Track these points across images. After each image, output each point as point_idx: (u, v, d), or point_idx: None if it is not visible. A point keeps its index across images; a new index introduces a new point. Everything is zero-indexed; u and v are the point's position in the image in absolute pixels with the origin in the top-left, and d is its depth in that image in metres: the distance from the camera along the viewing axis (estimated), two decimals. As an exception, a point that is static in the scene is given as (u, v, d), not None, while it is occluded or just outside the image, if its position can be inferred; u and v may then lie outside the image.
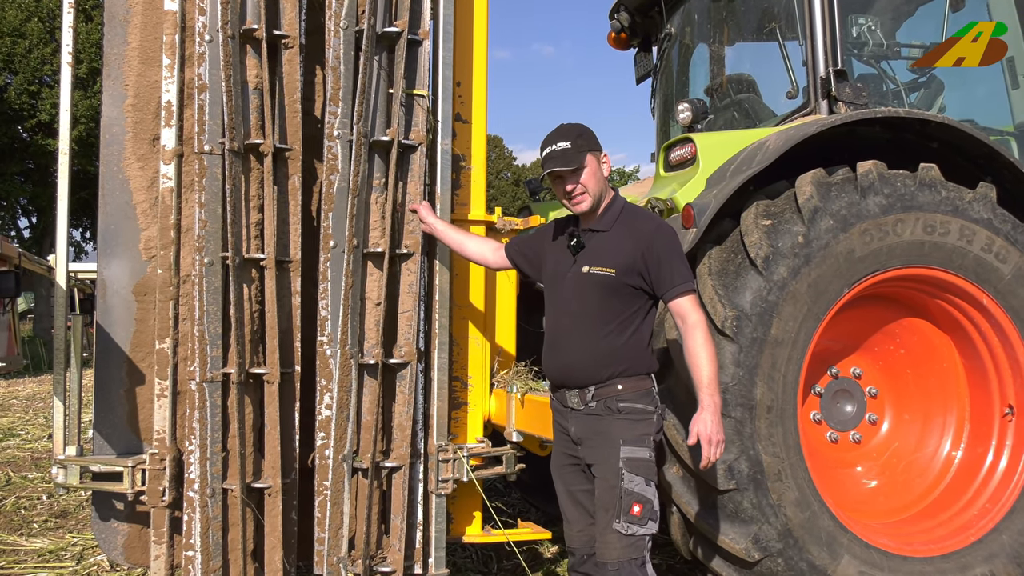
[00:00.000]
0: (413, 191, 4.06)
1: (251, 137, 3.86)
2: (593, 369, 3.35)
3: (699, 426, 3.19)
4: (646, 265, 3.29)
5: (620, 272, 3.31)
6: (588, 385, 3.38)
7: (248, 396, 3.86)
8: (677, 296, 3.27)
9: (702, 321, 3.26)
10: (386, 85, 4.01)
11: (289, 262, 3.93)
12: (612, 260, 3.34)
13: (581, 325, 3.38)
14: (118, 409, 4.09)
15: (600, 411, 3.36)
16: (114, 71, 4.11)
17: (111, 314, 4.08)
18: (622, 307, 3.34)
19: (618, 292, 3.32)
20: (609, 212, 3.45)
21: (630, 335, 3.34)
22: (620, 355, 3.33)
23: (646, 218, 3.42)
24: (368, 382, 3.94)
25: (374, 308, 3.96)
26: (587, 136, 3.42)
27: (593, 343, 3.35)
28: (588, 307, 3.37)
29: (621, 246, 3.34)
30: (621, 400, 3.33)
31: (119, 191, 4.09)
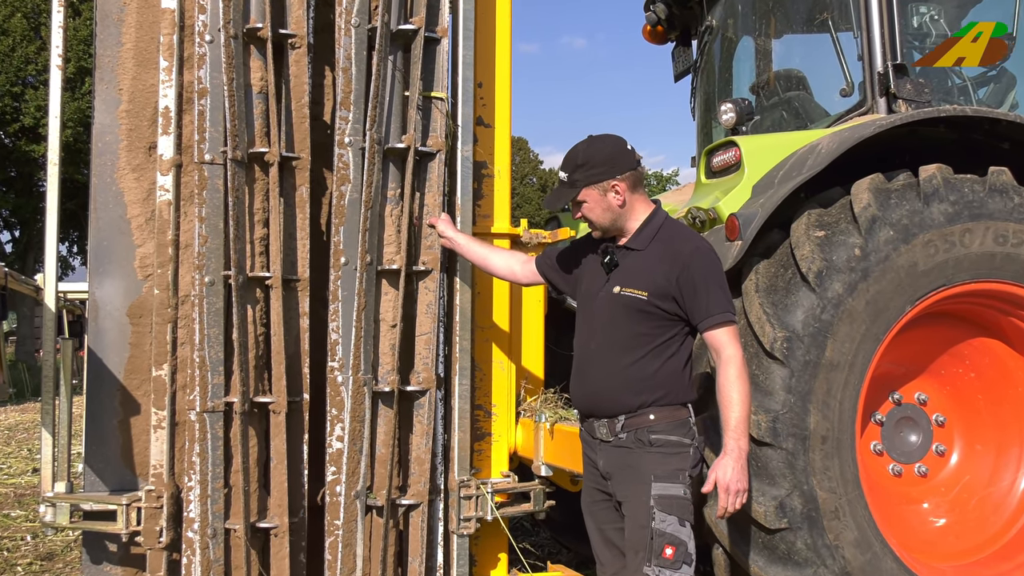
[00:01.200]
0: (431, 202, 4.10)
1: (255, 145, 3.92)
2: (623, 397, 3.38)
3: (718, 472, 3.22)
4: (680, 290, 3.31)
5: (653, 295, 3.33)
6: (617, 415, 3.40)
7: (252, 427, 3.90)
8: (712, 327, 3.28)
9: (738, 356, 3.26)
10: (401, 87, 4.06)
11: (297, 281, 3.98)
12: (645, 282, 3.36)
13: (610, 350, 3.41)
14: (111, 442, 4.14)
15: (630, 443, 3.38)
16: (107, 74, 4.19)
17: (103, 338, 4.14)
18: (655, 332, 3.36)
19: (650, 316, 3.35)
20: (646, 229, 3.47)
21: (664, 362, 3.36)
22: (652, 383, 3.35)
23: (685, 238, 3.43)
24: (383, 411, 3.98)
25: (389, 330, 4.01)
26: (590, 167, 3.44)
27: (623, 369, 3.38)
28: (618, 330, 3.40)
29: (655, 267, 3.37)
30: (653, 432, 3.34)
31: (112, 204, 4.15)
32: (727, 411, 3.23)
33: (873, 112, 4.81)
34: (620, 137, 3.53)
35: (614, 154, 3.45)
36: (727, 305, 3.30)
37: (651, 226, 3.47)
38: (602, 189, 3.43)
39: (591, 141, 3.54)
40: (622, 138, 3.52)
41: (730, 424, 3.22)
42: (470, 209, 4.26)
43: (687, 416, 3.41)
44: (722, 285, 3.33)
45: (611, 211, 3.45)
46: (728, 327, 3.27)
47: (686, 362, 3.42)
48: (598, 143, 3.50)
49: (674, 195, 6.92)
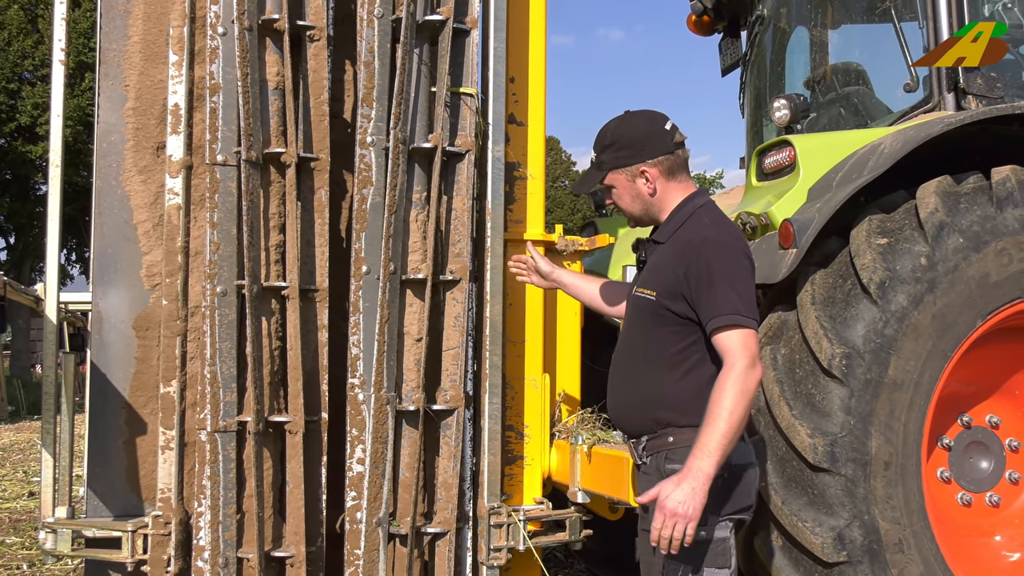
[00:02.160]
0: (459, 206, 4.12)
1: (271, 145, 3.95)
2: (640, 415, 3.26)
3: (662, 487, 2.97)
4: (688, 286, 3.11)
5: (661, 295, 3.18)
6: (640, 435, 3.30)
7: (267, 449, 3.93)
8: (718, 329, 3.03)
9: (741, 366, 2.97)
10: (428, 83, 4.09)
11: (315, 291, 4.01)
12: (656, 280, 3.24)
13: (628, 360, 3.34)
14: (115, 463, 4.18)
15: (652, 471, 3.23)
16: (112, 70, 4.23)
17: (107, 352, 4.18)
18: (670, 339, 3.19)
19: (662, 320, 3.19)
20: (673, 219, 3.32)
21: (682, 375, 3.17)
22: (669, 399, 3.18)
23: (700, 227, 3.21)
24: (407, 432, 3.99)
25: (414, 345, 4.02)
26: (617, 148, 3.32)
27: (637, 382, 3.28)
28: (635, 338, 3.33)
29: (667, 263, 3.22)
30: (671, 459, 3.15)
31: (117, 209, 4.20)
32: (704, 424, 2.95)
33: (940, 109, 4.79)
34: (660, 114, 3.36)
35: (647, 135, 3.31)
36: (738, 304, 3.02)
37: (680, 214, 3.31)
38: (630, 174, 3.32)
39: (624, 118, 3.39)
40: (662, 115, 3.35)
41: (701, 439, 2.94)
42: (501, 214, 4.28)
43: None
44: (736, 282, 3.07)
45: (640, 199, 3.34)
46: (738, 330, 3.00)
47: (711, 376, 3.10)
48: (631, 121, 3.37)
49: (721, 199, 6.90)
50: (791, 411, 3.98)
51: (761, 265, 4.26)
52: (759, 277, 4.24)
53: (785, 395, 4.04)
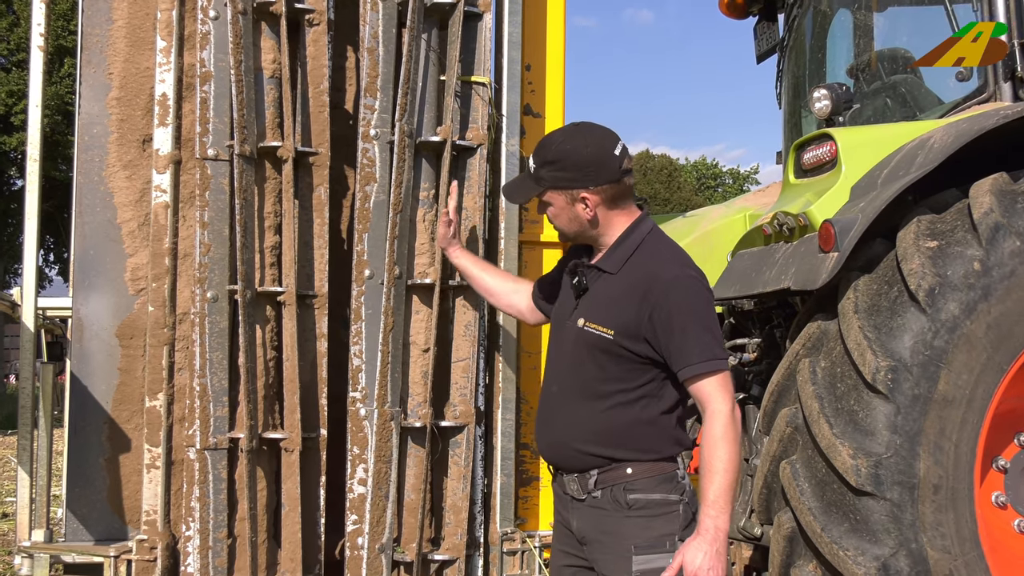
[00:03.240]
0: (471, 205, 4.14)
1: (267, 138, 3.98)
2: (591, 450, 3.26)
3: (686, 555, 3.04)
4: (655, 331, 3.15)
5: (620, 335, 3.20)
6: (588, 469, 3.28)
7: (261, 468, 3.95)
8: (697, 377, 3.11)
9: (725, 412, 3.08)
10: (436, 71, 4.11)
11: (314, 297, 4.03)
12: (611, 317, 3.23)
13: (575, 395, 3.31)
14: (97, 483, 4.20)
15: (606, 504, 3.26)
16: (95, 56, 4.26)
17: (89, 362, 4.20)
18: (626, 376, 3.23)
19: (619, 359, 3.22)
20: (620, 248, 3.32)
21: (641, 409, 3.22)
22: (626, 436, 3.23)
23: (662, 262, 3.25)
24: (413, 450, 4.01)
25: (421, 356, 4.04)
26: (559, 168, 3.28)
27: (589, 419, 3.27)
28: (583, 373, 3.30)
29: (624, 299, 3.22)
30: (631, 489, 3.21)
31: (100, 207, 4.23)
32: (706, 479, 3.05)
33: (996, 100, 4.78)
34: (611, 135, 3.33)
35: (593, 160, 3.26)
36: (714, 349, 3.12)
37: (627, 243, 3.31)
38: (570, 197, 3.29)
39: (572, 135, 3.35)
40: (613, 136, 3.32)
41: (707, 496, 3.03)
42: (516, 214, 4.30)
43: (673, 469, 3.25)
44: (707, 324, 3.16)
45: (577, 223, 3.33)
46: (714, 376, 3.10)
47: (671, 408, 3.25)
48: (579, 139, 3.32)
49: (756, 197, 6.91)
50: (831, 429, 3.97)
51: (799, 270, 4.26)
52: (797, 283, 4.25)
53: (825, 412, 4.03)
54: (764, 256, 4.76)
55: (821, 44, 6.19)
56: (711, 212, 7.11)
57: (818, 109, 5.47)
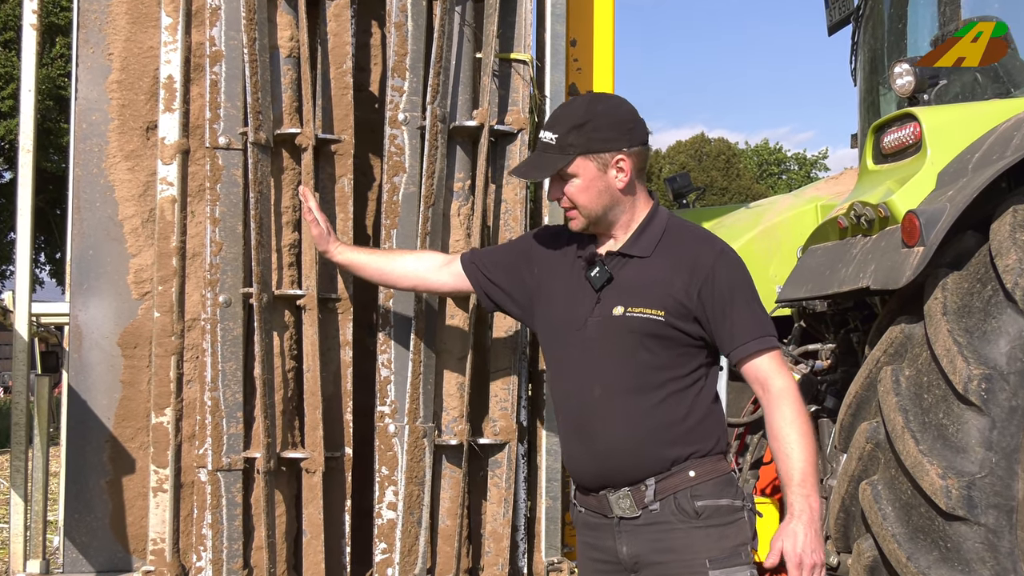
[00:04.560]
0: (510, 197, 4.14)
1: (284, 125, 4.00)
2: (651, 453, 3.25)
3: (785, 540, 3.09)
4: (704, 308, 3.22)
5: (671, 315, 3.22)
6: (643, 479, 3.26)
7: (280, 490, 3.97)
8: (751, 355, 3.22)
9: (791, 388, 3.20)
10: (472, 48, 4.12)
11: (337, 300, 4.04)
12: (659, 297, 3.24)
13: (622, 393, 3.29)
14: (98, 508, 4.23)
15: (668, 516, 3.23)
16: (93, 35, 4.28)
17: (88, 374, 4.22)
18: (678, 363, 3.26)
19: (670, 343, 3.25)
20: (649, 229, 3.35)
21: (694, 399, 3.27)
22: (686, 429, 3.25)
23: (702, 239, 3.37)
24: (448, 471, 4.01)
25: (456, 365, 4.04)
26: (593, 129, 3.28)
27: (645, 416, 3.26)
28: (628, 365, 3.28)
29: (670, 277, 3.26)
30: (697, 496, 3.22)
31: (100, 202, 4.25)
32: (787, 461, 3.14)
33: (1100, 73, 4.75)
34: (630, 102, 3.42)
35: (628, 117, 3.32)
36: (766, 325, 3.25)
37: (654, 226, 3.36)
38: (602, 163, 3.27)
39: (595, 97, 3.48)
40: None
41: (793, 477, 3.12)
42: (555, 205, 4.27)
43: (730, 469, 3.32)
44: (755, 300, 3.28)
45: (608, 195, 3.30)
46: (772, 352, 3.22)
47: (716, 398, 3.37)
48: (607, 101, 3.43)
49: (829, 186, 6.89)
50: (918, 446, 3.95)
51: (880, 267, 4.24)
52: (878, 281, 4.23)
53: (910, 426, 4.01)
54: (839, 252, 4.74)
55: (902, 13, 6.15)
56: (777, 203, 7.09)
57: (899, 86, 5.43)
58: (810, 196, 6.79)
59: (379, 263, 3.80)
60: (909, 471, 3.97)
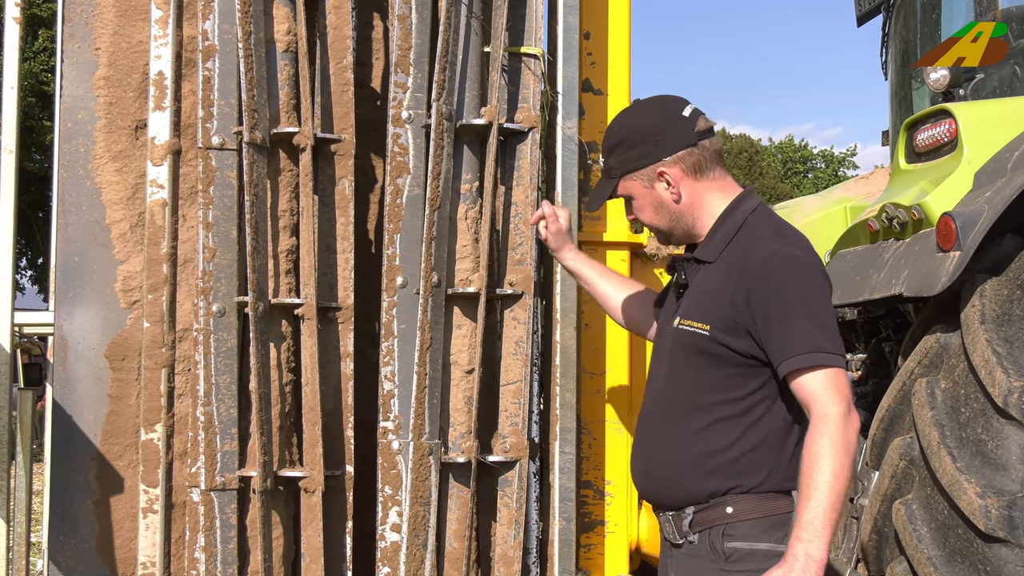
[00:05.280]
0: (521, 199, 4.14)
1: (281, 123, 4.00)
2: (687, 482, 3.21)
3: None
4: (754, 317, 3.08)
5: (716, 329, 3.14)
6: (683, 507, 3.23)
7: (277, 511, 3.97)
8: (798, 372, 3.00)
9: (835, 415, 2.93)
10: (480, 41, 4.12)
11: (337, 309, 4.04)
12: (709, 309, 3.18)
13: (671, 409, 3.29)
14: (84, 529, 4.22)
15: (703, 552, 3.18)
16: (78, 28, 4.28)
17: (74, 387, 4.21)
18: (729, 383, 3.18)
19: (718, 360, 3.17)
20: (720, 231, 3.30)
21: (746, 428, 3.16)
22: (729, 459, 3.15)
23: (760, 239, 3.18)
24: (455, 490, 4.01)
25: (464, 378, 4.04)
26: (627, 148, 3.31)
27: (687, 437, 3.22)
28: (680, 382, 3.27)
29: (722, 286, 3.18)
30: (731, 536, 3.13)
31: (86, 206, 4.24)
32: (803, 495, 2.92)
33: None
34: (676, 99, 3.36)
35: (660, 126, 3.29)
36: (818, 338, 2.99)
37: (728, 225, 3.29)
38: (646, 179, 3.30)
39: (631, 110, 3.46)
40: (679, 99, 3.35)
41: (802, 516, 2.90)
42: (574, 208, 4.28)
43: (786, 510, 3.13)
44: (813, 308, 3.04)
45: (666, 209, 3.32)
46: (822, 371, 2.97)
47: (786, 428, 3.17)
48: (639, 111, 3.41)
49: (859, 186, 6.88)
50: (955, 463, 3.94)
51: (913, 273, 4.24)
52: (911, 288, 4.22)
53: (946, 442, 4.00)
54: (870, 256, 4.74)
55: (935, 2, 6.16)
56: (804, 204, 7.09)
57: (933, 80, 5.44)
58: (838, 197, 6.78)
59: (607, 289, 3.92)
60: (946, 490, 3.96)
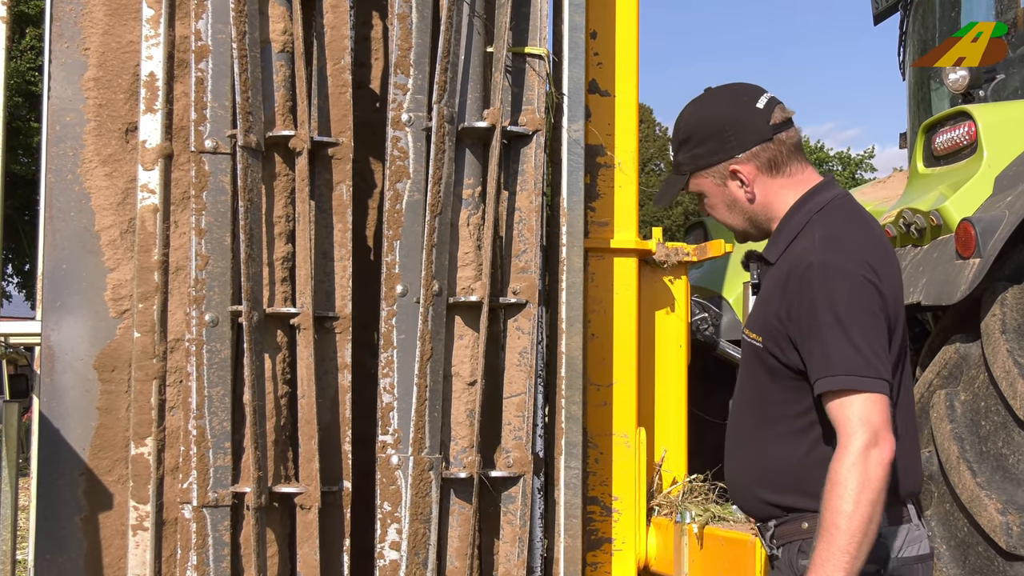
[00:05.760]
0: (525, 205, 4.14)
1: (276, 126, 4.01)
2: (762, 494, 3.16)
3: None
4: (796, 332, 2.98)
5: (768, 340, 3.08)
6: (766, 518, 3.20)
7: (272, 528, 3.97)
8: (826, 396, 2.89)
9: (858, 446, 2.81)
10: (482, 41, 4.13)
11: (335, 319, 4.05)
12: (763, 318, 3.12)
13: (742, 422, 3.26)
14: (71, 547, 4.22)
15: (784, 566, 3.14)
16: (67, 28, 4.29)
17: (61, 399, 4.21)
18: (787, 397, 3.08)
19: (774, 373, 3.09)
20: (785, 229, 3.18)
21: (811, 446, 3.04)
22: (796, 478, 3.05)
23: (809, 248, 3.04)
24: (457, 507, 4.02)
25: (465, 390, 4.05)
26: (695, 143, 3.23)
27: (756, 453, 3.18)
28: (747, 394, 3.25)
29: (773, 292, 3.09)
30: (805, 552, 3.03)
31: (75, 211, 4.25)
32: (821, 525, 2.83)
33: None
34: (750, 88, 3.23)
35: (733, 119, 3.18)
36: (852, 358, 2.87)
37: (792, 224, 3.16)
38: (718, 176, 3.21)
39: (702, 101, 3.32)
40: (753, 88, 3.22)
41: (817, 551, 2.83)
42: (580, 214, 4.29)
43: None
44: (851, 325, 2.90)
45: (739, 208, 3.24)
46: (851, 397, 2.85)
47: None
48: (711, 103, 3.29)
49: (876, 189, 6.88)
50: (975, 478, 3.94)
51: (932, 281, 4.24)
52: (930, 296, 4.22)
53: (966, 456, 4.00)
54: (887, 264, 4.74)
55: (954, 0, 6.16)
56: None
57: (952, 81, 5.44)
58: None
59: None
60: (965, 506, 3.96)
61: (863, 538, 2.81)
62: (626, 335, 4.56)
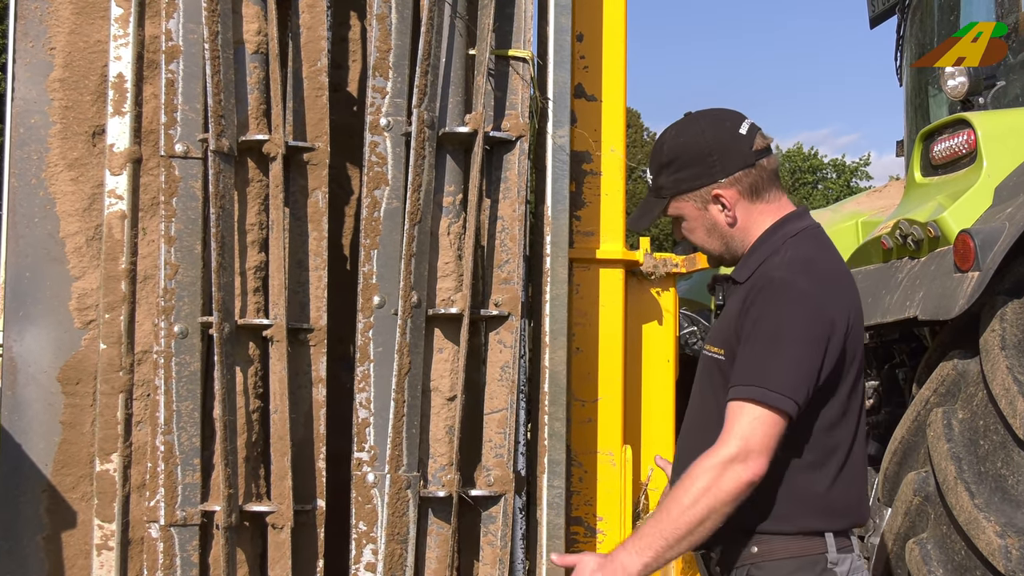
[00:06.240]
0: (508, 213, 4.14)
1: (249, 130, 4.01)
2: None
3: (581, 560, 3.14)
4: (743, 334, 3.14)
5: (728, 354, 3.19)
6: (713, 545, 3.24)
7: (242, 549, 3.96)
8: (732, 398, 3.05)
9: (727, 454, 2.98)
10: (464, 43, 4.13)
11: (309, 331, 4.05)
12: (725, 333, 3.24)
13: (696, 438, 3.28)
14: (33, 567, 4.20)
15: None
16: (32, 26, 4.28)
17: (23, 413, 4.20)
18: None
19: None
20: (756, 252, 3.33)
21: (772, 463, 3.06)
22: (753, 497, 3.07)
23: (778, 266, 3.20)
24: (435, 527, 4.01)
25: (445, 405, 4.04)
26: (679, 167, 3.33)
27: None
28: (704, 410, 3.31)
29: (734, 309, 3.23)
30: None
31: (38, 217, 4.23)
32: (657, 507, 3.07)
33: None
34: (732, 113, 3.40)
35: (716, 144, 3.31)
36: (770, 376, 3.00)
37: (765, 247, 3.30)
38: (700, 200, 3.34)
39: (684, 125, 3.43)
40: (735, 114, 3.39)
41: (642, 526, 3.07)
42: (565, 223, 4.29)
43: (820, 551, 3.11)
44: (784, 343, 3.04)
45: (718, 232, 3.36)
46: (749, 406, 3.00)
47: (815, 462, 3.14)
48: (694, 127, 3.39)
49: (872, 199, 6.90)
50: (973, 500, 3.95)
51: (929, 295, 4.25)
52: (927, 311, 4.23)
53: (963, 477, 4.01)
54: (883, 276, 4.75)
55: (954, 3, 6.18)
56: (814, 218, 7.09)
57: (951, 88, 5.47)
58: (850, 211, 6.79)
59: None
60: (963, 528, 3.97)
61: (685, 535, 2.99)
62: (612, 349, 4.56)
